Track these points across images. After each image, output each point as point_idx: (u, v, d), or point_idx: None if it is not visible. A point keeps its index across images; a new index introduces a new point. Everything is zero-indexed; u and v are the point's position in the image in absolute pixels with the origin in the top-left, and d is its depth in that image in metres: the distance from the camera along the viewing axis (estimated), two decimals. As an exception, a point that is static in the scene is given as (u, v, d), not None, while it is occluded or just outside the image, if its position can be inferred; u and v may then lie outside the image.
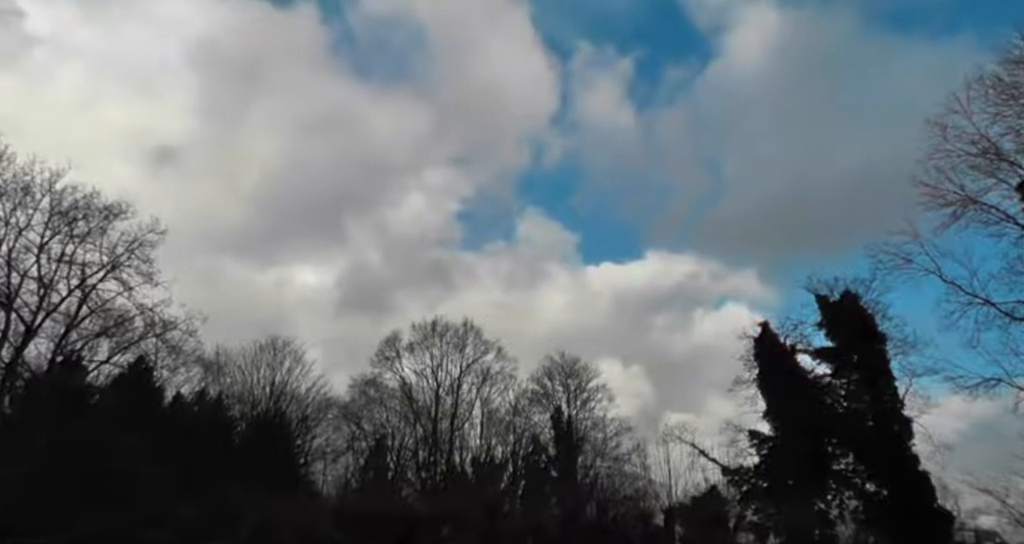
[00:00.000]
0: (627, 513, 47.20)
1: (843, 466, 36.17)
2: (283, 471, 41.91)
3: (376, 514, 35.58)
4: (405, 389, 50.55)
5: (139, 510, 29.14)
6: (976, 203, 21.99)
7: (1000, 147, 21.50)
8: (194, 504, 31.21)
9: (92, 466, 29.13)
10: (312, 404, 48.67)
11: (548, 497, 46.53)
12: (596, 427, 51.04)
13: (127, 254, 33.38)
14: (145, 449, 31.19)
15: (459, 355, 51.51)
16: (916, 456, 33.78)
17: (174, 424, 37.08)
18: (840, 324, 36.86)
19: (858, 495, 35.31)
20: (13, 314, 31.52)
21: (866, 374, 35.99)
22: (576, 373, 52.31)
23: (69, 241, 32.70)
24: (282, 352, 48.51)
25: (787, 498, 35.93)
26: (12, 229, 31.57)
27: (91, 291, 33.15)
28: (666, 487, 48.67)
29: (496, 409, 51.50)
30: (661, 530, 47.30)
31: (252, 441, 43.59)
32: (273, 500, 33.30)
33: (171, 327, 34.51)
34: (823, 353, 37.76)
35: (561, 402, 51.47)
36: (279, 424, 46.27)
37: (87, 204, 32.83)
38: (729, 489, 42.45)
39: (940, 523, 33.06)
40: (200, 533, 30.60)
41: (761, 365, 38.31)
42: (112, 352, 35.16)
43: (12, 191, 31.28)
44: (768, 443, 38.00)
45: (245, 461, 38.55)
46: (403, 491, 47.78)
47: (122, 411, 33.11)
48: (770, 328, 39.08)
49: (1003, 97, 21.03)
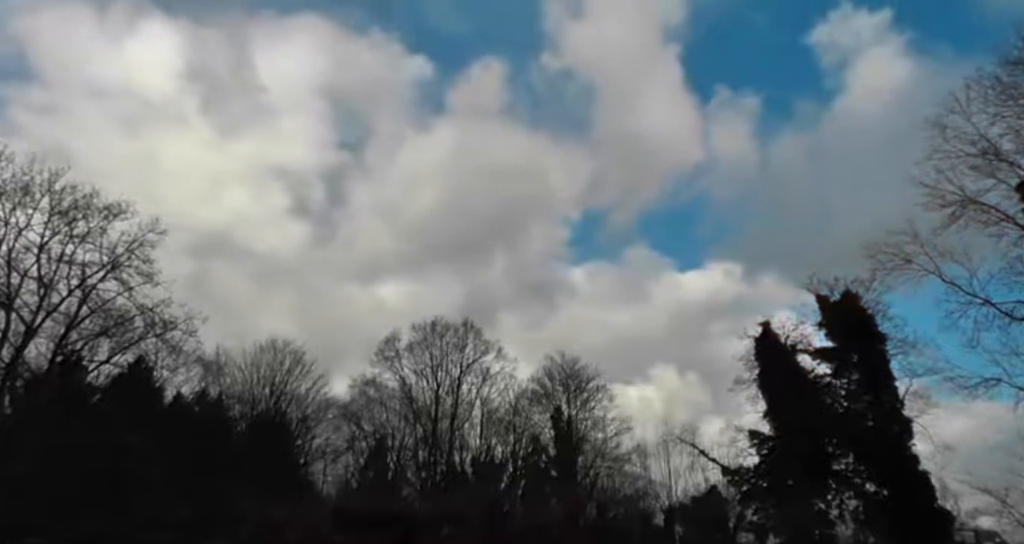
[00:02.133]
0: (627, 513, 47.20)
1: (843, 466, 36.12)
2: (283, 471, 41.96)
3: (376, 514, 35.55)
4: (405, 389, 50.67)
5: (139, 510, 29.19)
6: (976, 203, 22.02)
7: (999, 147, 21.57)
8: (194, 504, 31.24)
9: (92, 466, 29.16)
10: (312, 404, 48.80)
11: (548, 497, 46.53)
12: (596, 427, 51.20)
13: (127, 254, 33.36)
14: (145, 449, 31.23)
15: (459, 355, 51.63)
16: (916, 456, 33.73)
17: (174, 424, 37.09)
18: (840, 324, 36.81)
19: (858, 495, 35.27)
20: (13, 314, 31.52)
21: (866, 374, 35.94)
22: (576, 373, 52.42)
23: (69, 241, 32.70)
24: (282, 352, 48.65)
25: (787, 498, 35.93)
26: (12, 229, 31.59)
27: (91, 291, 33.13)
28: (666, 487, 48.79)
29: (496, 409, 51.66)
30: (661, 530, 47.31)
31: (252, 441, 43.62)
32: (273, 500, 33.31)
33: (171, 327, 34.47)
34: (823, 353, 37.71)
35: (561, 402, 51.57)
36: (279, 424, 46.33)
37: (87, 204, 32.81)
38: (729, 489, 42.46)
39: (940, 523, 33.01)
40: (200, 533, 30.62)
41: (761, 365, 38.30)
42: (112, 352, 35.15)
43: (12, 191, 31.30)
44: (768, 443, 37.97)
45: (245, 461, 38.58)
46: (403, 491, 47.81)
47: (122, 411, 33.14)
48: (771, 328, 39.08)
49: (1002, 98, 21.11)
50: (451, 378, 51.06)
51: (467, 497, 40.94)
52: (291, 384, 48.07)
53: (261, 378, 47.60)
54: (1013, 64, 20.89)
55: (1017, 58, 20.80)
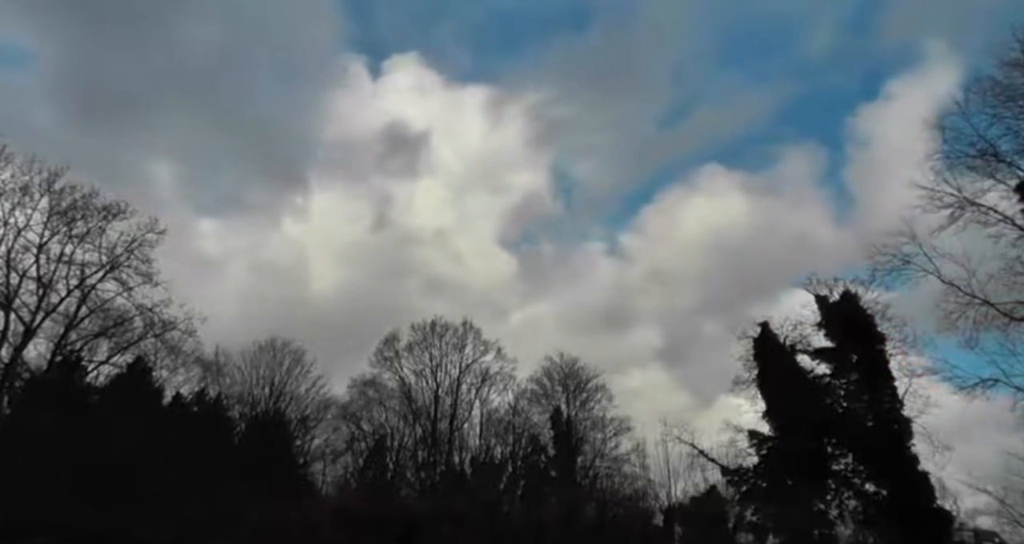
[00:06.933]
0: (626, 513, 47.18)
1: (843, 466, 36.12)
2: (283, 471, 41.93)
3: (376, 514, 35.53)
4: (404, 389, 50.58)
5: (139, 510, 29.14)
6: (975, 204, 22.03)
7: (998, 148, 21.60)
8: (194, 504, 31.19)
9: (91, 466, 29.11)
10: (311, 404, 48.76)
11: (548, 497, 46.52)
12: (595, 427, 51.14)
13: (126, 254, 33.43)
14: (144, 449, 31.17)
15: (458, 355, 51.59)
16: (916, 456, 33.73)
17: (173, 424, 37.06)
18: (839, 324, 36.83)
19: (858, 495, 35.28)
20: (12, 314, 31.55)
21: (865, 374, 35.96)
22: (575, 373, 52.39)
23: (68, 241, 32.76)
24: (281, 352, 48.57)
25: (787, 498, 35.89)
26: (11, 229, 31.64)
27: (90, 291, 33.17)
28: (666, 487, 48.72)
29: (495, 409, 51.63)
30: (661, 530, 47.28)
31: (252, 441, 43.60)
32: (273, 500, 33.29)
33: (170, 327, 34.59)
34: (823, 353, 37.73)
35: (560, 402, 51.55)
36: (278, 424, 46.29)
37: (86, 204, 32.89)
38: (729, 489, 42.39)
39: (939, 523, 33.02)
40: (200, 533, 30.59)
41: (761, 365, 38.31)
42: (111, 352, 35.25)
43: (11, 191, 31.34)
44: (768, 443, 37.95)
45: (245, 461, 38.56)
46: (403, 491, 47.74)
47: (121, 411, 33.10)
48: (770, 328, 39.08)
49: (1001, 99, 21.16)
50: (450, 378, 51.08)
51: (466, 497, 40.94)
52: (290, 384, 48.06)
53: (260, 378, 47.59)
54: (1011, 66, 20.94)
55: (1015, 60, 20.83)
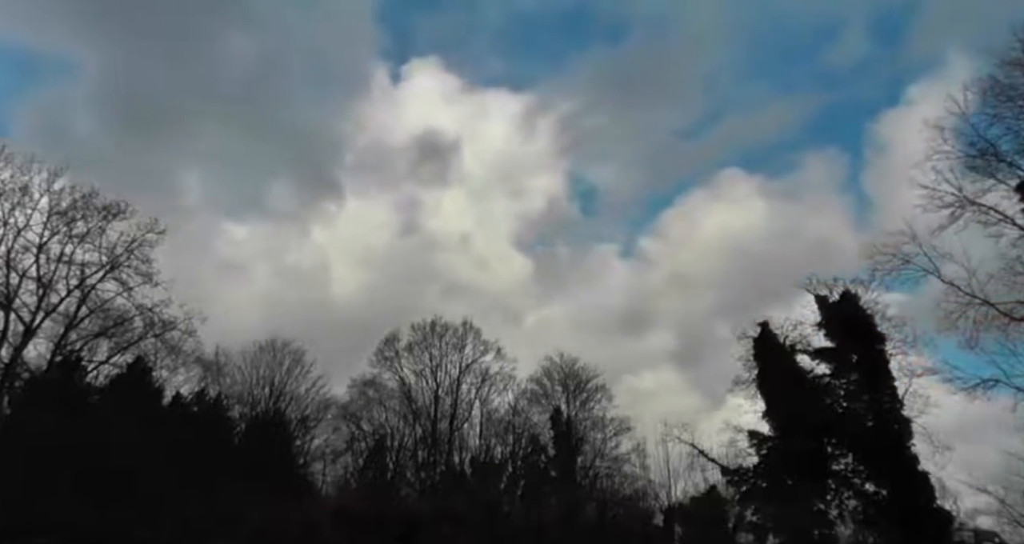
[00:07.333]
0: (626, 513, 47.17)
1: (843, 466, 36.11)
2: (283, 471, 41.92)
3: (376, 514, 35.52)
4: (404, 389, 50.56)
5: (139, 510, 29.13)
6: (975, 204, 22.00)
7: (998, 148, 21.57)
8: (194, 504, 31.18)
9: (92, 466, 29.11)
10: (311, 404, 48.75)
11: (548, 497, 46.51)
12: (595, 427, 51.12)
13: (126, 254, 33.42)
14: (144, 449, 31.17)
15: (458, 355, 51.57)
16: (916, 456, 33.73)
17: (173, 424, 37.05)
18: (839, 324, 36.83)
19: (858, 495, 35.27)
20: (12, 314, 31.54)
21: (865, 374, 35.96)
22: (575, 373, 52.38)
23: (68, 241, 32.77)
24: (281, 352, 48.57)
25: (787, 498, 35.88)
26: (11, 229, 31.63)
27: (90, 291, 33.17)
28: (666, 487, 48.70)
29: (495, 409, 51.61)
30: (661, 530, 47.27)
31: (252, 441, 43.59)
32: (273, 500, 33.28)
33: (170, 327, 34.58)
34: (822, 353, 37.72)
35: (560, 402, 51.53)
36: (278, 424, 46.28)
37: (85, 204, 32.89)
38: (728, 489, 42.38)
39: (939, 523, 33.02)
40: (200, 533, 30.58)
41: (761, 365, 38.31)
42: (111, 352, 35.24)
43: (10, 191, 31.33)
44: (768, 443, 37.94)
45: (245, 461, 38.55)
46: (403, 491, 47.73)
47: (121, 411, 33.10)
48: (770, 328, 39.08)
49: (1001, 98, 21.14)
50: (450, 378, 51.05)
51: (466, 497, 40.94)
52: (290, 384, 48.06)
53: (260, 378, 47.58)
54: (1011, 65, 20.92)
55: (1015, 59, 20.81)
